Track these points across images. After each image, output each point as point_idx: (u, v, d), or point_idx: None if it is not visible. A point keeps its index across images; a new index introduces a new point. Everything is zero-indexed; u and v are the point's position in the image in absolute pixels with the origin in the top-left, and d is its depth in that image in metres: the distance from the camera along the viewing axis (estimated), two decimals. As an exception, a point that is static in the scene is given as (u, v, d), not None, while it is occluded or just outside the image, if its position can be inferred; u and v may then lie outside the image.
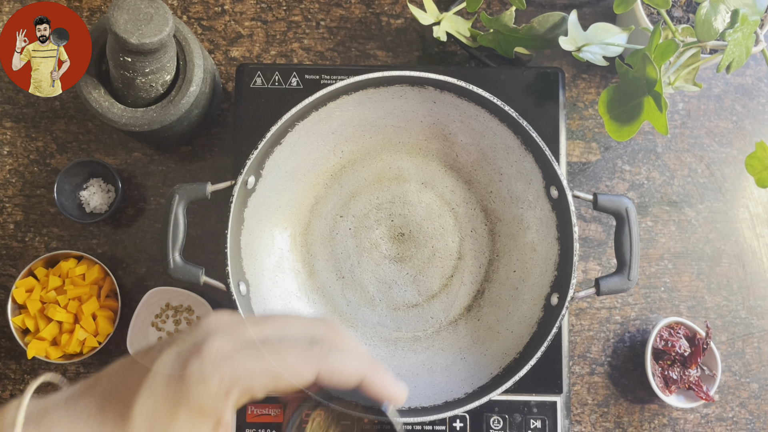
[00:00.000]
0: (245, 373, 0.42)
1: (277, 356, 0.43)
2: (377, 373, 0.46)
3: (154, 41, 0.74)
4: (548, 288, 0.83)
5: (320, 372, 0.43)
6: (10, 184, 0.95)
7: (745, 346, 0.95)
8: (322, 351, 0.44)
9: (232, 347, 0.42)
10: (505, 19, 0.86)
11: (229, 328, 0.44)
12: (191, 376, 0.41)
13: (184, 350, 0.43)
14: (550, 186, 0.82)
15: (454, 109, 0.84)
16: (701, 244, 0.97)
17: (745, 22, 0.76)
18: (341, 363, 0.44)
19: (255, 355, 0.42)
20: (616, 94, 0.81)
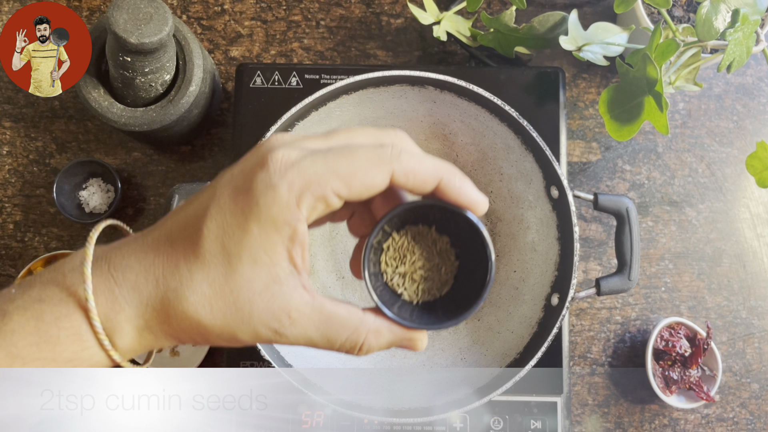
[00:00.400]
0: (314, 177, 0.39)
1: (347, 157, 0.40)
2: (456, 175, 0.43)
3: (153, 41, 0.74)
4: (548, 288, 0.83)
5: (394, 172, 0.41)
6: (10, 184, 0.95)
7: (746, 347, 0.95)
8: (394, 150, 0.41)
9: (299, 155, 0.40)
10: (506, 19, 0.86)
11: (292, 141, 0.42)
12: (258, 186, 0.39)
13: (248, 165, 0.41)
14: (551, 186, 0.82)
15: (455, 109, 0.84)
16: (702, 244, 0.97)
17: (746, 21, 0.76)
18: (416, 162, 0.42)
19: (323, 158, 0.40)
20: (617, 93, 0.81)
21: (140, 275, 0.41)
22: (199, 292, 0.40)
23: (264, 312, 0.41)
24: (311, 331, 0.42)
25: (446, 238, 0.48)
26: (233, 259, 0.40)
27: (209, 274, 0.40)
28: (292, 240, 0.40)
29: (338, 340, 0.43)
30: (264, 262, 0.40)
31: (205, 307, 0.40)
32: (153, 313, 0.41)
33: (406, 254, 0.47)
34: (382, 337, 0.44)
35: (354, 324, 0.43)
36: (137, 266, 0.41)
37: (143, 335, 0.42)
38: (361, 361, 0.85)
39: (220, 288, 0.40)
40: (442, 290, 0.48)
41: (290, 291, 0.41)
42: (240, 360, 0.84)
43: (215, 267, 0.40)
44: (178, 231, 0.42)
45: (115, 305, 0.41)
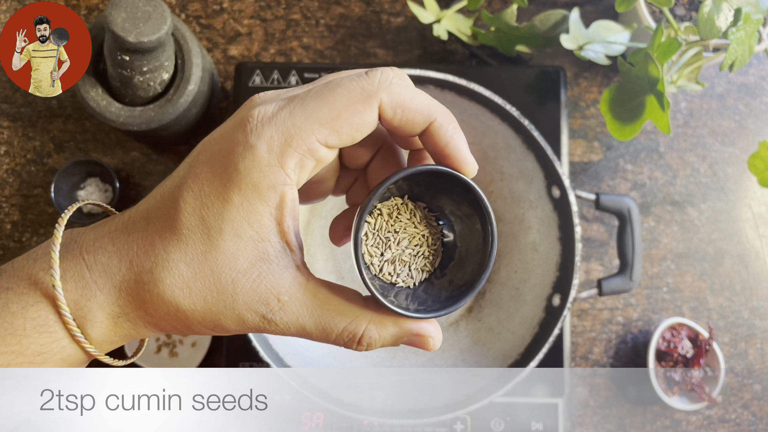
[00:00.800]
0: (294, 129, 0.34)
1: (326, 98, 0.35)
2: (451, 122, 0.38)
3: (152, 40, 0.74)
4: (550, 289, 0.83)
5: (382, 103, 0.35)
6: (7, 183, 0.95)
7: (748, 347, 0.95)
8: (383, 77, 0.36)
9: (276, 107, 0.35)
10: (507, 17, 0.86)
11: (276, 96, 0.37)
12: (236, 149, 0.35)
13: (227, 128, 0.36)
14: (552, 186, 0.81)
15: (455, 108, 0.84)
16: (704, 245, 0.96)
17: (748, 20, 0.76)
18: (408, 94, 0.36)
19: (301, 106, 0.35)
20: (618, 92, 0.81)
21: (113, 257, 0.37)
22: (176, 273, 0.36)
23: (249, 294, 0.36)
24: (304, 318, 0.37)
25: (422, 205, 0.42)
26: (213, 233, 0.35)
27: (187, 253, 0.36)
28: (280, 208, 0.36)
29: (335, 330, 0.38)
30: (249, 236, 0.35)
31: (183, 290, 0.36)
32: (128, 299, 0.37)
33: (389, 237, 0.41)
34: (386, 329, 0.38)
35: (354, 312, 0.38)
36: (110, 247, 0.37)
37: (119, 323, 0.38)
38: (361, 362, 0.85)
39: (200, 267, 0.36)
40: (435, 263, 0.42)
41: (280, 270, 0.36)
42: (240, 360, 0.84)
43: (193, 244, 0.36)
44: (155, 207, 0.37)
45: (86, 291, 0.37)
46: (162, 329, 0.39)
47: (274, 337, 0.80)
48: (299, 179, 0.36)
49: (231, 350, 0.84)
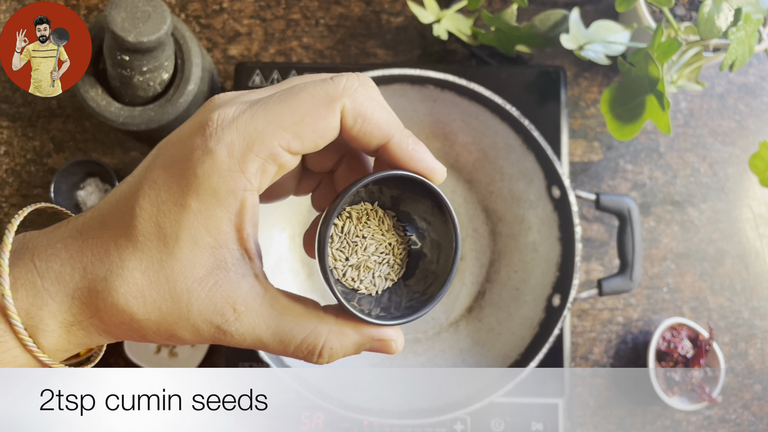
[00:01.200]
0: (256, 133, 0.33)
1: (289, 102, 0.34)
2: (409, 137, 0.37)
3: (151, 39, 0.74)
4: (550, 289, 0.83)
5: (344, 109, 0.35)
6: (7, 183, 0.95)
7: (749, 348, 0.95)
8: (348, 83, 0.35)
9: (237, 110, 0.34)
10: (507, 17, 0.86)
11: (236, 98, 0.36)
12: (195, 153, 0.34)
13: (185, 131, 0.35)
14: (552, 186, 0.81)
15: (455, 108, 0.84)
16: (704, 245, 0.96)
17: (749, 20, 0.76)
18: (370, 106, 0.35)
19: (263, 109, 0.34)
20: (619, 92, 0.81)
21: (66, 264, 0.36)
22: (130, 281, 0.34)
23: (205, 303, 0.35)
24: (260, 329, 0.36)
25: (391, 213, 0.41)
26: (169, 240, 0.34)
27: (142, 260, 0.34)
28: (240, 215, 0.34)
29: (293, 342, 0.36)
30: (206, 243, 0.34)
31: (137, 299, 0.35)
32: (81, 307, 0.36)
33: (356, 241, 0.40)
34: (347, 338, 0.37)
35: (313, 322, 0.36)
36: (63, 253, 0.36)
37: (72, 332, 0.36)
38: (361, 362, 0.85)
39: (155, 276, 0.34)
40: (399, 272, 0.41)
41: (238, 279, 0.35)
42: (240, 360, 0.84)
43: (149, 251, 0.34)
44: (110, 212, 0.36)
45: (37, 299, 0.35)
46: (117, 337, 0.37)
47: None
48: (260, 185, 0.35)
49: (231, 350, 0.84)
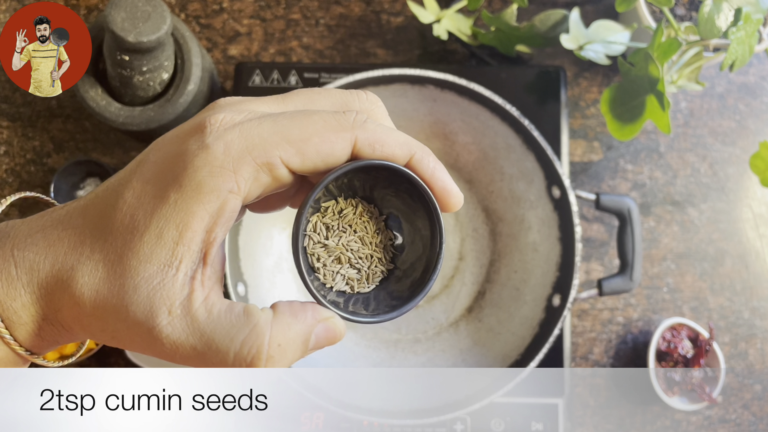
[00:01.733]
0: (259, 139, 0.32)
1: (300, 120, 0.33)
2: (430, 155, 0.37)
3: (151, 39, 0.74)
4: (550, 289, 0.82)
5: (357, 140, 0.34)
6: (7, 183, 0.95)
7: (749, 348, 0.95)
8: (358, 117, 0.35)
9: (243, 117, 0.33)
10: (507, 17, 0.86)
11: (240, 103, 0.35)
12: (189, 149, 0.32)
13: (183, 130, 0.34)
14: (552, 186, 0.81)
15: (455, 108, 0.84)
16: (704, 245, 0.96)
17: (749, 20, 0.76)
18: (384, 131, 0.35)
19: (272, 120, 0.33)
20: (619, 92, 0.81)
21: (40, 253, 0.34)
22: (93, 273, 0.33)
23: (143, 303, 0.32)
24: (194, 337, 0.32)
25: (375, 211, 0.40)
26: (136, 233, 0.32)
27: (109, 252, 0.33)
28: (215, 216, 0.32)
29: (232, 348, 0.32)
30: (170, 238, 0.32)
31: (91, 292, 0.33)
32: (47, 297, 0.34)
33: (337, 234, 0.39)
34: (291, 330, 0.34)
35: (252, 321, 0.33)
36: (42, 242, 0.34)
37: (43, 327, 0.35)
38: (361, 362, 0.85)
39: (113, 269, 0.32)
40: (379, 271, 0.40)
41: (183, 280, 0.32)
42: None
43: (115, 243, 0.33)
44: (93, 203, 0.35)
45: (11, 290, 0.34)
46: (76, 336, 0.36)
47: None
48: (248, 193, 0.33)
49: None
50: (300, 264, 0.36)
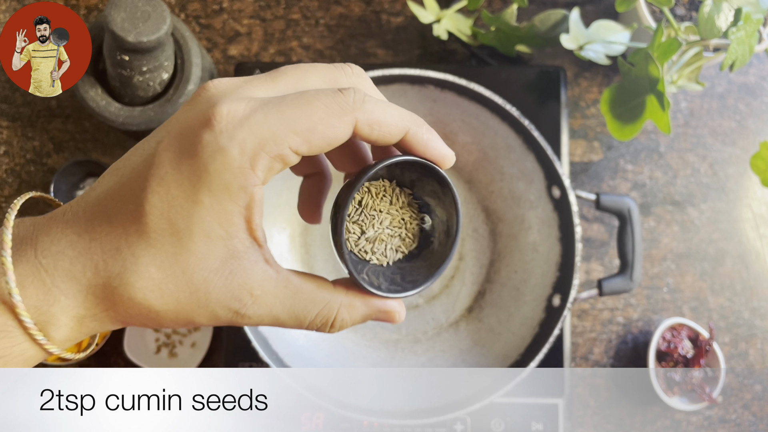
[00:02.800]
0: (269, 135, 0.35)
1: (304, 109, 0.36)
2: (423, 126, 0.40)
3: (151, 39, 0.74)
4: (550, 289, 0.82)
5: (358, 122, 0.37)
6: (7, 183, 0.95)
7: (749, 348, 0.95)
8: (357, 97, 0.37)
9: (247, 108, 0.36)
10: (507, 17, 0.86)
11: (235, 90, 0.37)
12: (205, 149, 0.35)
13: (189, 124, 0.36)
14: (552, 186, 0.81)
15: (455, 108, 0.84)
16: (704, 245, 0.96)
17: (749, 20, 0.76)
18: (382, 110, 0.38)
19: (276, 112, 0.35)
20: (619, 92, 0.81)
21: (76, 262, 0.36)
22: (146, 277, 0.36)
23: (222, 292, 0.37)
24: (277, 309, 0.38)
25: (407, 191, 0.44)
26: (183, 235, 0.35)
27: (156, 256, 0.36)
28: (249, 208, 0.36)
29: (308, 317, 0.39)
30: (219, 236, 0.36)
31: (154, 292, 0.36)
32: (95, 301, 0.37)
33: (373, 215, 0.43)
34: (356, 310, 0.40)
35: (324, 298, 0.39)
36: (70, 251, 0.36)
37: (84, 323, 0.38)
38: (361, 362, 0.85)
39: (171, 269, 0.36)
40: (411, 246, 0.45)
41: (251, 266, 0.37)
42: (240, 360, 0.84)
43: (162, 246, 0.36)
44: (114, 206, 0.37)
45: (48, 297, 0.36)
46: (130, 324, 0.39)
47: (274, 337, 0.80)
48: (266, 179, 0.36)
49: (231, 350, 0.84)
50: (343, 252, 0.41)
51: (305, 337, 0.84)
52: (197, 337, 0.91)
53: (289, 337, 0.83)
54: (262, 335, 0.79)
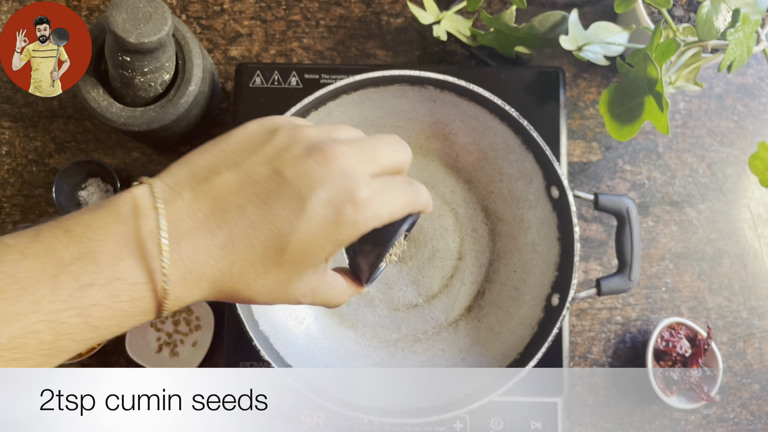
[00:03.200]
0: (386, 215, 0.47)
1: (398, 202, 0.48)
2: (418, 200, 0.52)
3: (152, 40, 0.74)
4: (549, 288, 0.83)
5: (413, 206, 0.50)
6: (9, 184, 0.95)
7: (747, 347, 0.95)
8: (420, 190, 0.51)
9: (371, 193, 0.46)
10: (506, 18, 0.86)
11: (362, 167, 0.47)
12: (346, 222, 0.45)
13: (337, 197, 0.45)
14: (551, 186, 0.82)
15: (455, 109, 0.84)
16: (702, 245, 0.96)
17: (747, 21, 0.76)
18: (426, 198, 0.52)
19: (388, 205, 0.47)
20: (617, 93, 0.81)
21: (219, 273, 0.45)
22: (266, 285, 0.47)
23: (299, 291, 0.49)
24: (319, 300, 0.52)
25: None
26: (302, 267, 0.47)
27: (280, 275, 0.47)
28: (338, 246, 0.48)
29: (334, 303, 0.53)
30: (321, 269, 0.49)
31: (263, 293, 0.47)
32: (218, 294, 0.47)
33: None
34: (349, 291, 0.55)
35: (348, 291, 0.54)
36: (215, 264, 0.45)
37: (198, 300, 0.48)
38: (361, 362, 0.85)
39: (285, 284, 0.48)
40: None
41: (320, 277, 0.50)
42: (240, 360, 0.84)
43: (286, 270, 0.47)
44: (257, 237, 0.45)
45: (186, 289, 0.45)
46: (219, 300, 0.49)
47: (275, 337, 0.80)
48: None
49: (231, 350, 0.84)
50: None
51: (306, 337, 0.85)
52: (198, 336, 0.91)
53: (290, 336, 0.83)
54: (263, 334, 0.79)
